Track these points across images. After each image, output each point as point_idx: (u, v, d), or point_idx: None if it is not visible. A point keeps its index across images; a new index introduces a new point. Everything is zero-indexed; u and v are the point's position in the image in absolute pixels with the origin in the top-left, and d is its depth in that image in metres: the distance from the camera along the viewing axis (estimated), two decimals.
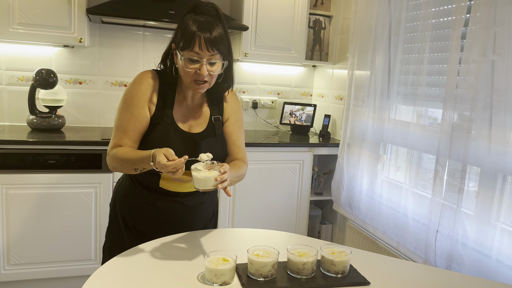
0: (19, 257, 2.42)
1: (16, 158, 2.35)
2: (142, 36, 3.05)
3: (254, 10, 2.94)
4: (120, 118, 1.46)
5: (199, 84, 1.39)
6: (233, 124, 1.58)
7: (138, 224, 1.55)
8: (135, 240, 1.52)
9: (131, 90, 1.46)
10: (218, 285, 1.12)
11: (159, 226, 1.53)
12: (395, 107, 2.47)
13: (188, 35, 1.34)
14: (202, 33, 1.33)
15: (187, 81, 1.40)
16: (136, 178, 1.54)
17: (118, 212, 1.59)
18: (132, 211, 1.55)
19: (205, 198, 1.59)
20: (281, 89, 3.49)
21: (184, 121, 1.49)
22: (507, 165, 1.69)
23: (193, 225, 1.58)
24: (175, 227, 1.54)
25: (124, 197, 1.58)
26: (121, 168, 1.42)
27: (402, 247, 2.27)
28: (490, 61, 1.76)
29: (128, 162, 1.37)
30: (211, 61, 1.37)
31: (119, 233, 1.58)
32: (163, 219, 1.52)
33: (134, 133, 1.44)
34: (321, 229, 3.20)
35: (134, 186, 1.54)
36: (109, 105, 3.04)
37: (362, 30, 2.64)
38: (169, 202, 1.50)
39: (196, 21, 1.35)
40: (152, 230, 1.53)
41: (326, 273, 1.23)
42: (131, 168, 1.37)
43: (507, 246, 1.70)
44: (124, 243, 1.54)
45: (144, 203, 1.52)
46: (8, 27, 2.49)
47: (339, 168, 2.87)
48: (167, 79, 1.48)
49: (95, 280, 1.13)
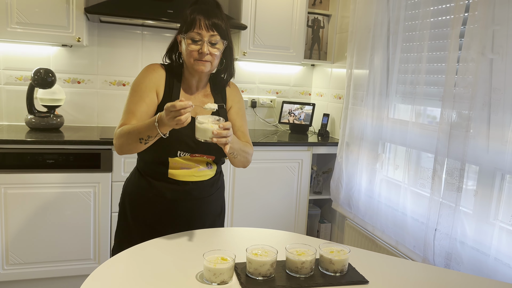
0: (18, 257, 2.42)
1: (15, 157, 2.35)
2: (141, 35, 3.04)
3: (253, 9, 2.94)
4: (129, 102, 1.50)
5: (201, 62, 1.46)
6: (236, 113, 1.64)
7: (148, 218, 1.58)
8: (144, 236, 1.53)
9: (140, 77, 1.54)
10: (216, 284, 1.13)
11: (168, 218, 1.56)
12: (394, 106, 2.48)
13: (189, 19, 1.45)
14: (203, 16, 1.45)
15: (190, 61, 1.48)
16: (145, 171, 1.58)
17: (127, 209, 1.62)
18: (141, 205, 1.58)
19: (212, 190, 1.62)
20: (280, 88, 3.49)
21: None
22: (505, 163, 1.69)
23: (201, 219, 1.61)
24: (183, 220, 1.57)
25: (133, 192, 1.61)
26: (126, 143, 1.42)
27: (401, 245, 2.28)
28: (489, 60, 1.76)
29: (134, 133, 1.38)
30: (211, 41, 1.46)
31: (128, 231, 1.61)
32: (172, 212, 1.56)
33: (142, 115, 1.48)
34: (320, 228, 3.20)
35: (143, 179, 1.58)
36: (107, 105, 3.04)
37: (360, 29, 2.64)
38: (178, 193, 1.54)
39: (197, 8, 1.47)
40: (161, 224, 1.56)
41: (325, 272, 1.23)
42: (136, 139, 1.38)
43: (506, 245, 1.71)
44: (133, 240, 1.53)
45: (153, 195, 1.56)
46: (6, 26, 2.48)
47: (338, 167, 2.87)
48: (173, 69, 1.57)
49: (94, 279, 1.13)
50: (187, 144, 1.49)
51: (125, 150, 1.45)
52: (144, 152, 1.53)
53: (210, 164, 1.59)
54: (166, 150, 1.49)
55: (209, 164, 1.59)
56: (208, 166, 1.58)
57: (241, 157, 1.53)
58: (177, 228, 1.55)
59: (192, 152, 1.52)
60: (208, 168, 1.59)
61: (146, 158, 1.58)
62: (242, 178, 2.78)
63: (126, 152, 1.46)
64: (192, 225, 1.58)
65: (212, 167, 1.60)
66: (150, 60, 3.07)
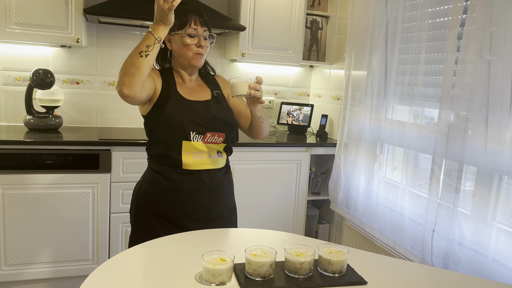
0: (16, 258, 2.42)
1: (13, 158, 2.35)
2: (140, 36, 3.04)
3: (251, 10, 2.94)
4: None
5: (198, 56, 1.60)
6: (233, 98, 1.73)
7: (167, 213, 1.61)
8: (166, 232, 1.55)
9: None
10: (215, 285, 1.13)
11: (186, 211, 1.61)
12: (392, 107, 2.48)
13: (183, 17, 1.57)
14: (194, 15, 1.59)
15: (188, 56, 1.59)
16: (159, 167, 1.63)
17: (144, 209, 1.65)
18: (159, 201, 1.62)
19: (225, 181, 1.70)
20: (278, 89, 3.50)
21: (189, 96, 1.65)
22: (503, 164, 1.69)
23: (218, 210, 1.67)
24: (202, 211, 1.63)
25: (148, 190, 1.65)
26: (128, 65, 1.40)
27: (399, 246, 2.28)
28: (486, 61, 1.77)
29: (133, 52, 1.42)
30: (205, 36, 1.61)
31: (147, 231, 1.62)
32: (190, 203, 1.61)
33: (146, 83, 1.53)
34: (318, 229, 3.20)
35: (157, 175, 1.63)
36: (106, 105, 3.04)
37: (359, 31, 2.65)
38: (194, 183, 1.61)
39: (187, 8, 1.59)
40: (180, 217, 1.61)
41: (323, 272, 1.23)
42: (136, 55, 1.41)
43: (503, 245, 1.71)
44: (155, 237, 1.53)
45: (170, 188, 1.61)
46: (5, 27, 2.48)
47: (336, 168, 2.88)
48: (164, 70, 1.68)
49: (93, 280, 1.13)
50: (198, 123, 1.57)
51: (128, 80, 1.38)
52: (157, 144, 1.59)
53: (220, 152, 1.66)
54: (179, 132, 1.56)
55: (219, 152, 1.65)
56: (218, 154, 1.65)
57: (265, 123, 1.67)
58: (197, 221, 1.61)
59: (203, 132, 1.59)
60: (219, 156, 1.66)
61: (160, 151, 1.61)
62: (241, 178, 2.79)
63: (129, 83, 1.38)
64: (210, 217, 1.64)
65: (223, 155, 1.67)
66: None
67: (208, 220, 1.64)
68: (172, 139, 1.57)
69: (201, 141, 1.59)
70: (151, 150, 1.65)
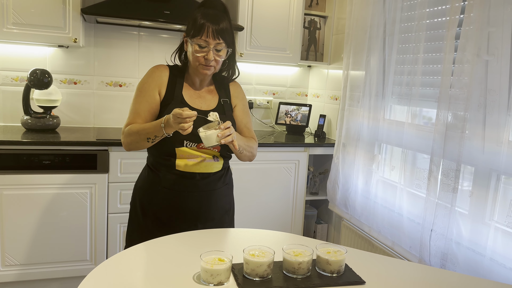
0: (13, 258, 2.41)
1: (11, 158, 2.34)
2: (137, 36, 3.04)
3: (250, 10, 2.94)
4: (134, 102, 1.62)
5: (206, 67, 1.57)
6: (241, 110, 1.73)
7: (157, 211, 1.62)
8: (154, 232, 1.58)
9: (144, 78, 1.65)
10: (213, 285, 1.13)
11: (176, 211, 1.61)
12: (390, 107, 2.49)
13: (198, 25, 1.52)
14: (211, 24, 1.51)
15: (195, 65, 1.57)
16: (154, 165, 1.64)
17: (138, 204, 1.67)
18: (151, 199, 1.63)
19: (219, 185, 1.67)
20: (276, 89, 3.50)
21: (194, 101, 1.64)
22: (500, 164, 1.70)
23: (209, 213, 1.65)
24: (192, 213, 1.62)
25: (143, 186, 1.67)
26: (135, 141, 1.55)
27: (397, 246, 2.28)
28: (484, 62, 1.77)
29: (142, 133, 1.52)
30: (217, 48, 1.55)
31: (139, 228, 1.65)
32: (181, 204, 1.61)
33: (146, 115, 1.60)
34: (316, 229, 3.20)
35: (152, 173, 1.65)
36: (104, 105, 3.03)
37: (357, 31, 2.65)
38: (185, 185, 1.60)
39: (205, 13, 1.54)
40: (170, 217, 1.61)
41: (321, 272, 1.23)
42: (144, 138, 1.52)
43: (501, 245, 1.72)
44: (144, 237, 1.55)
45: (162, 187, 1.61)
46: (2, 27, 2.47)
47: (335, 168, 2.88)
48: (177, 68, 1.67)
49: (91, 280, 1.12)
50: (193, 135, 1.54)
51: (133, 147, 1.59)
52: (152, 146, 1.60)
53: (216, 157, 1.64)
54: (173, 139, 1.56)
55: (215, 157, 1.64)
56: (214, 159, 1.64)
57: (246, 152, 1.64)
58: (186, 222, 1.61)
59: (199, 142, 1.57)
60: (215, 160, 1.64)
61: (155, 151, 1.63)
62: (239, 179, 2.78)
63: (134, 149, 1.59)
64: (200, 218, 1.63)
65: (219, 160, 1.65)
66: (147, 61, 3.06)
67: (197, 221, 1.63)
68: (166, 145, 1.58)
69: (195, 147, 1.59)
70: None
